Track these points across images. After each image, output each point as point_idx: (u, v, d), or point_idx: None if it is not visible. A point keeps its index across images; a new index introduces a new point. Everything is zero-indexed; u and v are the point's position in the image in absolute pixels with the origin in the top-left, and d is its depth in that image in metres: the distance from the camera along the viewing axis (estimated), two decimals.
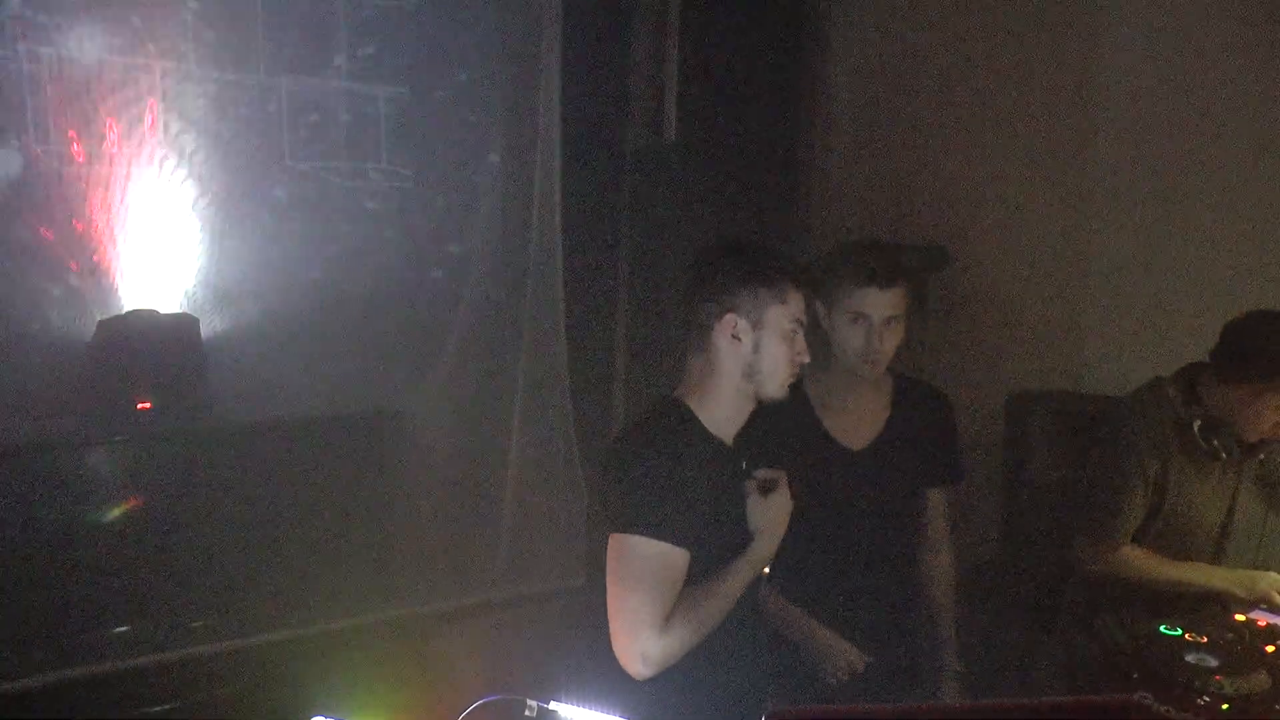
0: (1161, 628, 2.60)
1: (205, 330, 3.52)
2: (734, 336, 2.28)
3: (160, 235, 3.54)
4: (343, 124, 3.85)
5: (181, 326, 3.50)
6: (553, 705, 1.90)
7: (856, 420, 2.82)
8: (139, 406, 3.39)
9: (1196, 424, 2.89)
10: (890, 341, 2.71)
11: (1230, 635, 2.59)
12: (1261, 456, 2.96)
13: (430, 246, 3.94)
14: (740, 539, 2.30)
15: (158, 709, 3.22)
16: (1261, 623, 2.71)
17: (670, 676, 2.21)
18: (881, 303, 2.67)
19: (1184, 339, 3.03)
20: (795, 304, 2.31)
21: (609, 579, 2.21)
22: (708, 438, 2.32)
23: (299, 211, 3.74)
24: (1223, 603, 2.86)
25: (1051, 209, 4.37)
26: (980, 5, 4.53)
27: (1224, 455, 2.87)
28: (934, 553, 2.92)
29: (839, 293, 2.69)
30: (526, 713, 1.90)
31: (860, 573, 2.75)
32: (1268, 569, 2.92)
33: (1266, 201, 3.88)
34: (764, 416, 2.56)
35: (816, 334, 2.57)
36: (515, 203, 4.04)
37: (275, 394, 3.56)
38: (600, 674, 2.27)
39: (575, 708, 1.91)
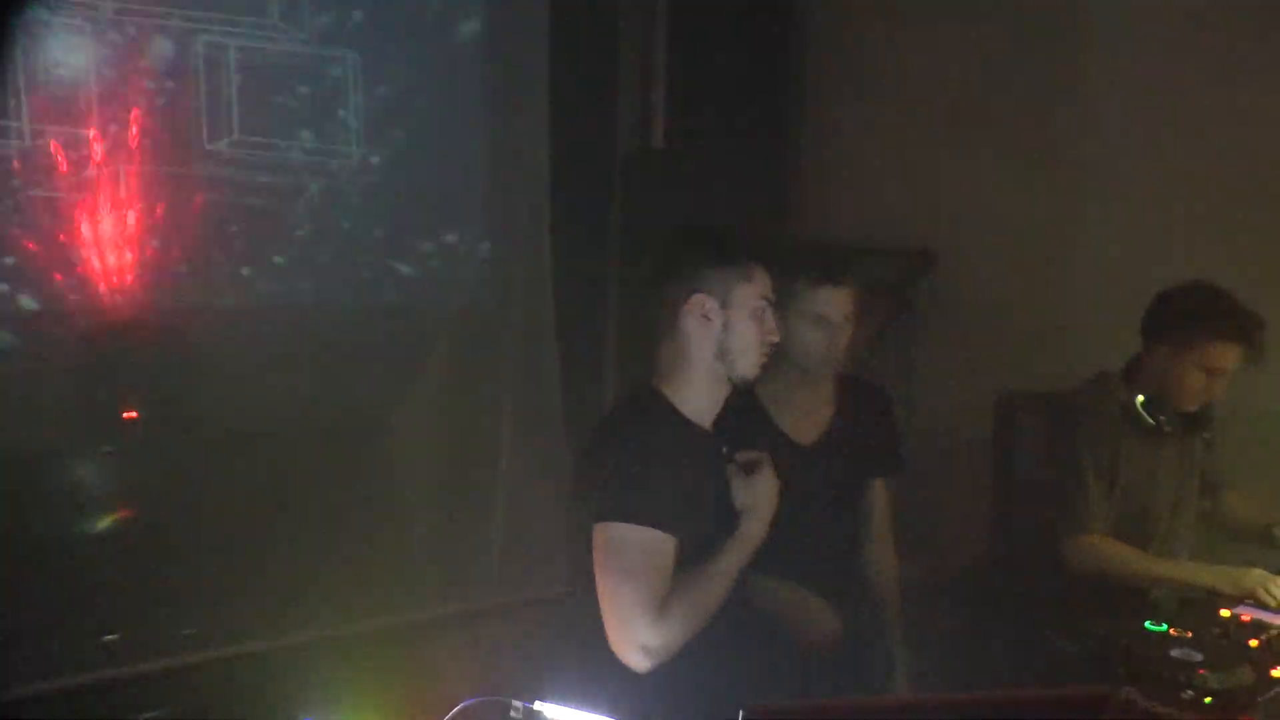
0: (1147, 623, 2.62)
1: (193, 339, 3.51)
2: (703, 317, 2.29)
3: (145, 240, 3.53)
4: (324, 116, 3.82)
5: (168, 335, 3.50)
6: (537, 706, 1.91)
7: (805, 417, 2.90)
8: (125, 416, 3.38)
9: (1139, 399, 3.03)
10: (846, 340, 2.81)
11: (1215, 630, 2.62)
12: (1206, 435, 3.10)
13: (416, 250, 3.93)
14: (728, 523, 2.30)
15: (148, 716, 3.21)
16: (1246, 618, 2.74)
17: (656, 672, 2.21)
18: (840, 301, 2.77)
19: None
20: (762, 281, 2.32)
21: (597, 572, 2.20)
22: (685, 423, 2.32)
23: (284, 214, 3.73)
24: (1209, 598, 2.89)
25: (1039, 209, 4.38)
26: (967, 6, 4.55)
27: (1166, 428, 3.01)
28: (875, 541, 2.99)
29: (796, 295, 2.74)
30: (512, 714, 1.90)
31: (810, 564, 2.78)
32: (1251, 564, 2.94)
33: (1254, 201, 3.90)
34: (719, 418, 2.59)
35: None
36: (502, 208, 4.04)
37: (263, 401, 3.54)
38: (586, 674, 2.27)
39: (560, 708, 1.92)
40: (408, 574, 3.73)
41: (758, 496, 2.32)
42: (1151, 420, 3.03)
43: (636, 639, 2.15)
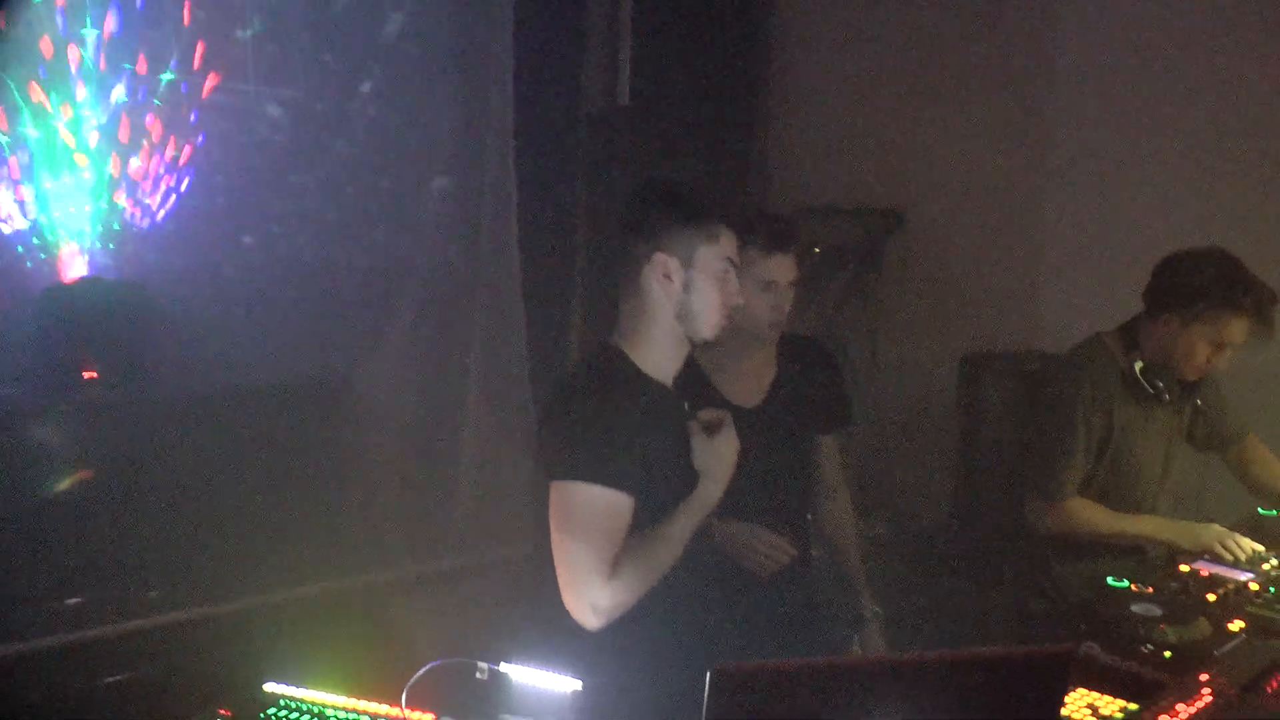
0: (1109, 579, 2.64)
1: (154, 298, 3.47)
2: (665, 276, 2.26)
3: (104, 200, 3.48)
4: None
5: (129, 294, 3.45)
6: (503, 667, 1.90)
7: (746, 380, 2.88)
8: (85, 375, 3.34)
9: (1138, 365, 2.97)
10: (790, 303, 2.80)
11: (1174, 585, 2.65)
12: (1199, 401, 3.05)
13: (380, 211, 3.89)
14: (686, 482, 2.28)
15: (112, 679, 3.19)
16: (1204, 573, 2.76)
17: (620, 633, 2.21)
18: (786, 267, 2.75)
19: (1138, 299, 3.06)
20: (727, 243, 2.29)
21: (553, 529, 2.18)
22: (645, 380, 2.30)
23: (248, 176, 3.67)
24: (1168, 553, 2.92)
25: (1007, 171, 4.39)
26: None
27: (1166, 396, 2.95)
28: (830, 498, 2.99)
29: (745, 261, 2.72)
30: (478, 674, 1.90)
31: (772, 523, 2.78)
32: (1210, 517, 2.98)
33: (1220, 164, 3.92)
34: None
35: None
36: (468, 168, 3.99)
37: (225, 362, 3.51)
38: (551, 635, 2.27)
39: (526, 669, 1.91)
40: (372, 535, 3.72)
41: (718, 458, 2.31)
42: (1151, 388, 2.97)
43: (587, 598, 2.14)
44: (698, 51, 4.54)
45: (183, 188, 3.62)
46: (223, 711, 1.91)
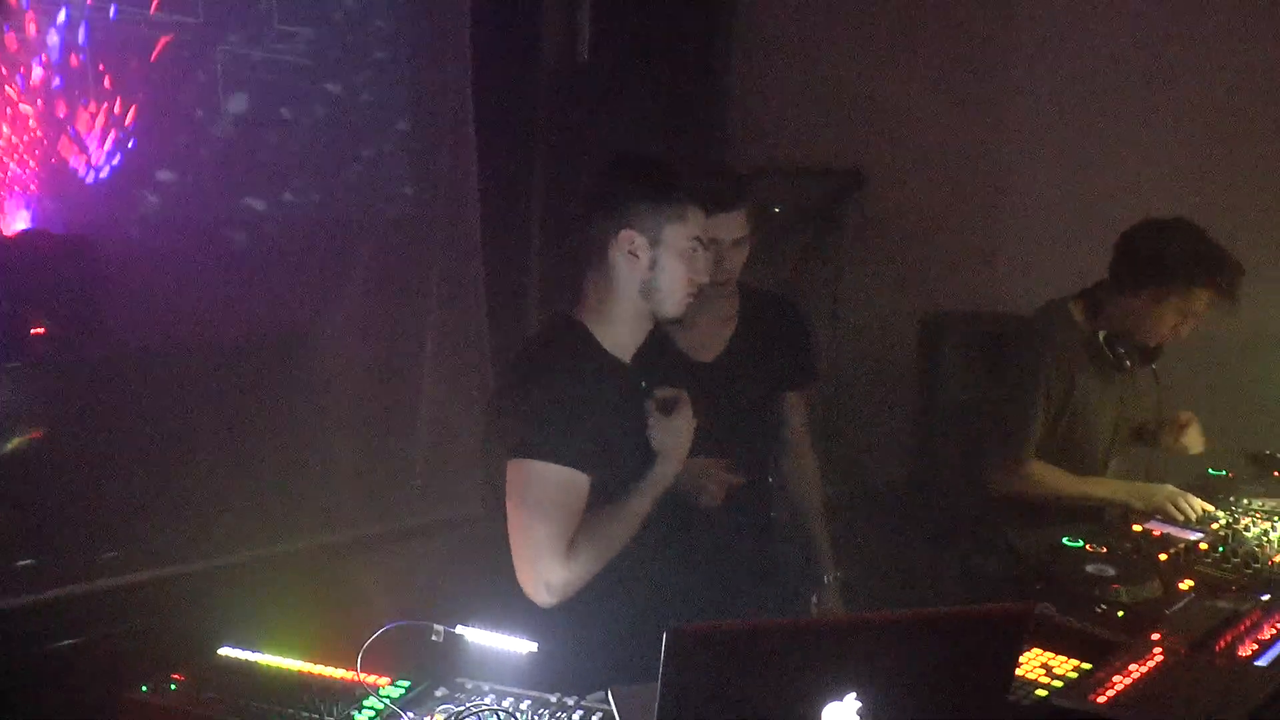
0: (1064, 540, 2.67)
1: (103, 253, 3.38)
2: (630, 253, 2.24)
3: (56, 151, 3.39)
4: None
5: (78, 249, 3.37)
6: (459, 630, 1.89)
7: (704, 334, 2.84)
8: (33, 332, 3.27)
9: (1102, 335, 2.99)
10: (737, 260, 2.75)
11: (1128, 545, 2.68)
12: (1154, 366, 3.08)
13: (336, 163, 3.82)
14: (643, 461, 2.28)
15: (65, 643, 3.15)
16: (1156, 533, 2.81)
17: (577, 599, 2.21)
18: (731, 225, 2.71)
19: (1098, 261, 3.08)
20: (695, 222, 2.27)
21: (509, 506, 2.17)
22: (606, 357, 2.28)
23: (200, 129, 3.59)
24: (1123, 514, 2.96)
25: (968, 132, 4.39)
26: None
27: (1128, 363, 2.99)
28: (795, 457, 2.96)
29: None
30: (433, 637, 1.89)
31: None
32: (1161, 477, 3.02)
33: (1181, 126, 3.94)
34: None
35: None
36: (426, 123, 3.93)
37: (178, 318, 3.44)
38: (506, 598, 2.26)
39: (481, 631, 1.91)
40: (328, 495, 3.69)
41: (674, 436, 2.30)
42: (1115, 357, 3.00)
43: (543, 576, 2.13)
44: (659, 7, 4.49)
45: (130, 144, 3.53)
46: (176, 676, 1.89)
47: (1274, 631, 2.07)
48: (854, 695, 1.45)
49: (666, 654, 1.34)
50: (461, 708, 1.80)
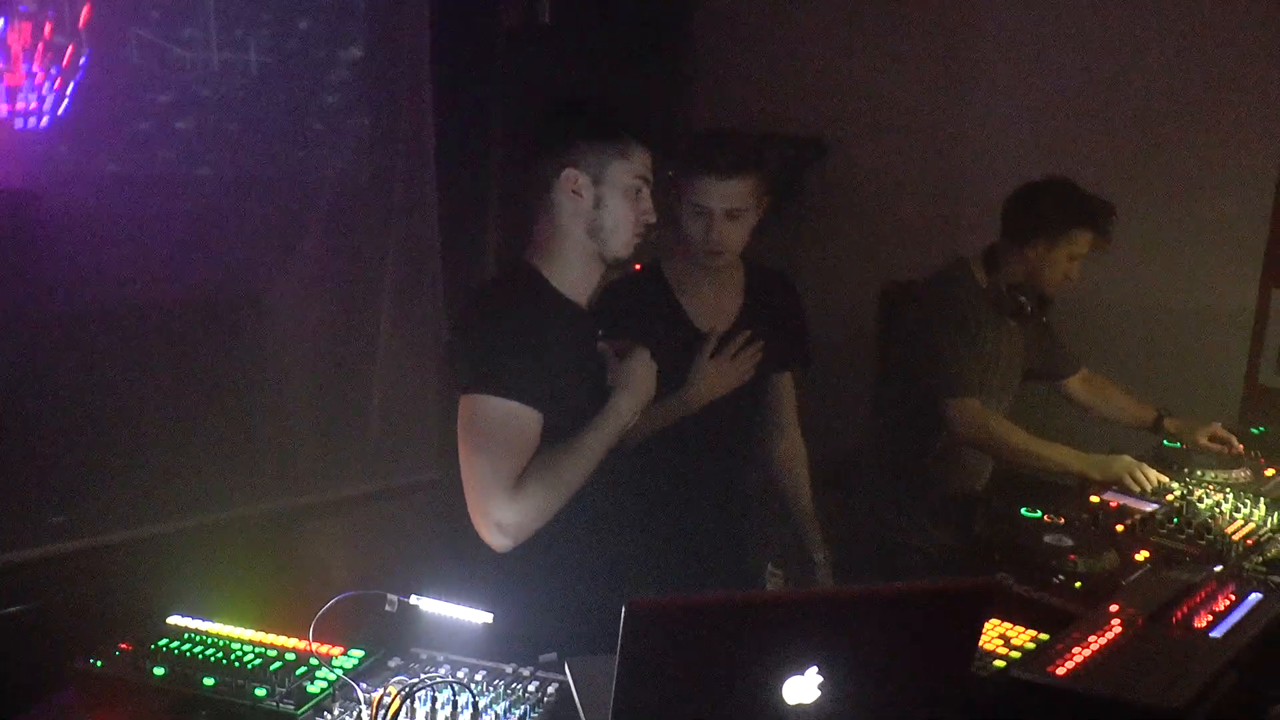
0: (1023, 510, 2.68)
1: (44, 209, 3.28)
2: (574, 192, 2.22)
3: None
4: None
5: (15, 204, 3.26)
6: (413, 599, 1.87)
7: (713, 305, 2.83)
8: None
9: (1005, 285, 3.18)
10: (733, 233, 2.70)
11: (1085, 516, 2.70)
12: (1045, 319, 3.30)
13: (290, 123, 3.74)
14: (598, 403, 2.26)
15: (13, 609, 3.09)
16: (1114, 504, 2.83)
17: (532, 562, 2.19)
18: (723, 194, 2.65)
19: None
20: (639, 160, 2.24)
21: (460, 444, 2.14)
22: (558, 298, 2.26)
23: (149, 87, 3.49)
24: (1080, 484, 2.98)
25: (931, 104, 4.38)
26: None
27: (1028, 309, 3.19)
28: (784, 436, 2.97)
29: (683, 183, 2.67)
30: (387, 607, 1.86)
31: (709, 454, 2.78)
32: (1120, 451, 3.04)
33: (1145, 102, 3.95)
34: (624, 297, 2.62)
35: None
36: (383, 84, 3.86)
37: (127, 277, 3.35)
38: (462, 564, 2.23)
39: (435, 601, 1.88)
40: (280, 460, 3.63)
41: (632, 374, 2.28)
42: (1016, 305, 3.18)
43: (493, 515, 2.10)
44: None
45: (72, 96, 3.42)
46: (123, 645, 1.84)
47: (1228, 603, 2.09)
48: (815, 669, 1.43)
49: (625, 626, 1.31)
50: (416, 679, 1.77)
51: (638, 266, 2.71)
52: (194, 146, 3.52)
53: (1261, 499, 2.78)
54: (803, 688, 1.44)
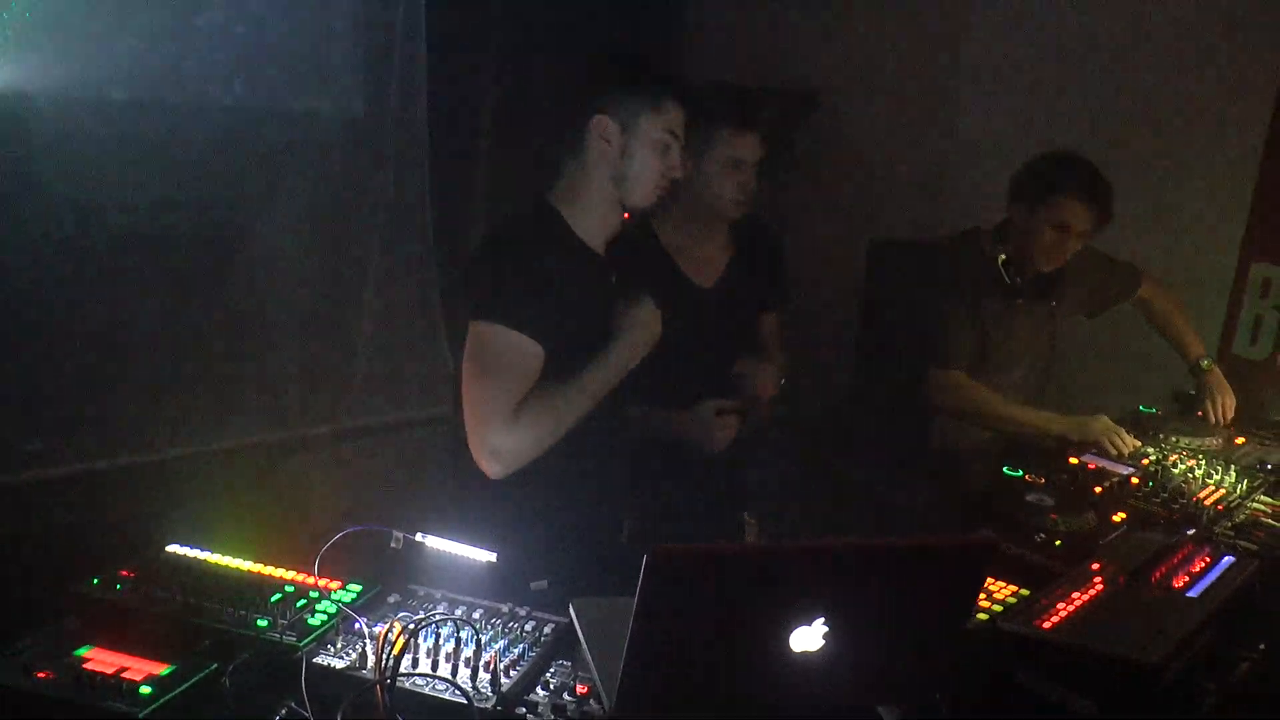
0: (1005, 469, 2.74)
1: (42, 130, 3.20)
2: (603, 138, 2.25)
3: None
4: None
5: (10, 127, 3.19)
6: (419, 537, 1.89)
7: (705, 260, 2.92)
8: None
9: (1001, 258, 3.17)
10: (754, 184, 2.82)
11: (1064, 477, 2.76)
12: (1053, 303, 3.27)
13: (281, 59, 3.67)
14: (603, 345, 2.30)
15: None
16: (1092, 466, 2.89)
17: (531, 504, 2.22)
18: (755, 146, 2.78)
19: None
20: (672, 115, 2.28)
21: (464, 369, 2.19)
22: (574, 240, 2.30)
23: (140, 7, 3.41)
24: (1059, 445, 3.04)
25: (924, 62, 4.37)
26: None
27: (1007, 279, 3.17)
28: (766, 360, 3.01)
29: (713, 139, 2.70)
30: (392, 544, 1.88)
31: (697, 395, 2.77)
32: (1093, 413, 3.10)
33: (1135, 66, 3.97)
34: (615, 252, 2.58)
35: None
36: (377, 27, 3.81)
37: (121, 206, 3.30)
38: (458, 501, 2.26)
39: (440, 539, 1.90)
40: (274, 392, 3.61)
41: (636, 320, 2.32)
42: (1008, 279, 3.17)
43: (488, 441, 2.14)
44: None
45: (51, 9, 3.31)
46: (124, 572, 1.85)
47: (1203, 564, 2.15)
48: (822, 620, 1.47)
49: (646, 572, 1.34)
50: (421, 615, 1.80)
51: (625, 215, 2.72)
52: (185, 75, 3.45)
53: (1232, 466, 2.86)
54: (809, 637, 1.48)
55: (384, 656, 1.57)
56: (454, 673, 1.64)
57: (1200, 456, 2.97)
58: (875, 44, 4.42)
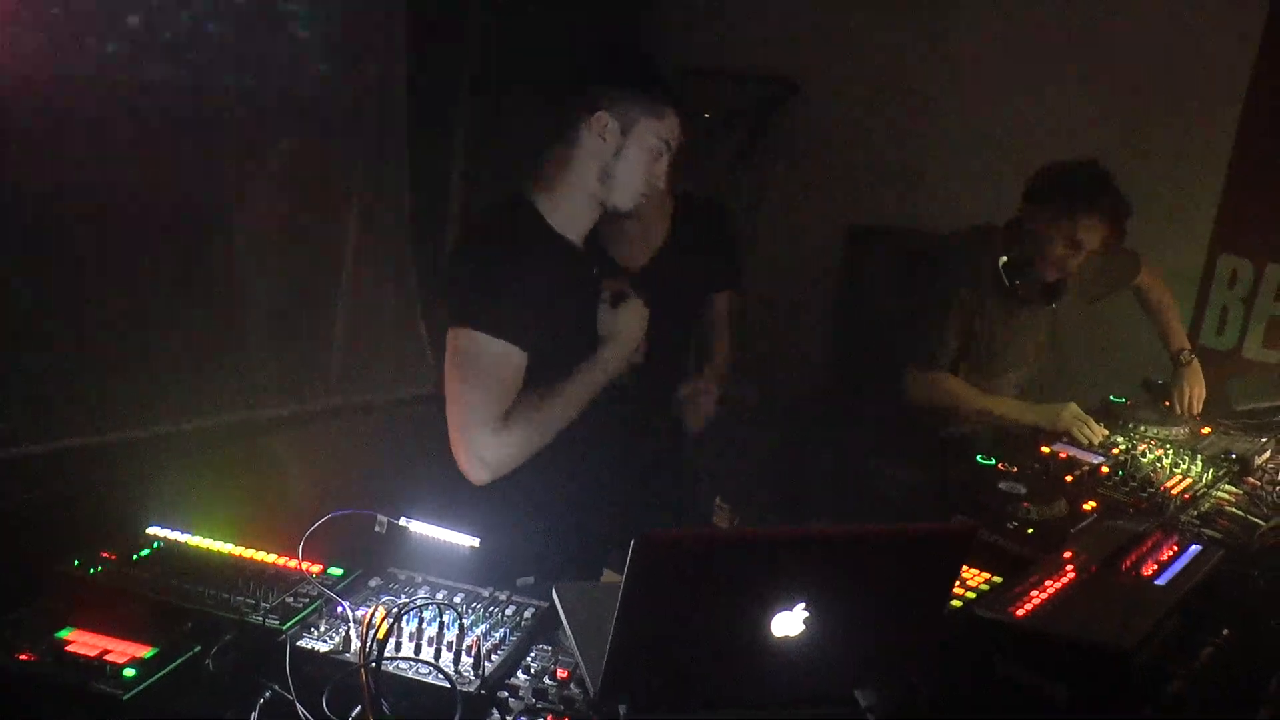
0: (978, 457, 2.77)
1: (5, 110, 3.16)
2: (600, 135, 2.24)
3: None
4: None
5: None
6: (402, 521, 1.89)
7: (635, 243, 2.88)
8: None
9: (1003, 260, 3.12)
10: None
11: (1037, 466, 2.80)
12: (1054, 305, 3.23)
13: (258, 30, 3.63)
14: (589, 346, 2.30)
15: None
16: (1063, 455, 2.93)
17: (520, 490, 2.22)
18: (679, 130, 2.68)
19: (1019, 189, 3.16)
20: (669, 124, 2.28)
21: (446, 375, 2.18)
22: (553, 236, 2.29)
23: None
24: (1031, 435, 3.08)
25: (904, 51, 4.38)
26: None
27: (1017, 283, 3.12)
28: (720, 341, 3.03)
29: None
30: (376, 528, 1.88)
31: (653, 385, 2.74)
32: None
33: (1113, 57, 4.00)
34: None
35: None
36: (356, 7, 3.78)
37: (91, 182, 3.25)
38: (441, 489, 2.26)
39: (424, 523, 1.90)
40: (249, 372, 3.59)
41: (622, 324, 2.32)
42: (1008, 282, 3.14)
43: (474, 449, 2.14)
44: None
45: None
46: (105, 554, 1.85)
47: (1171, 553, 2.19)
48: (803, 605, 1.50)
49: (633, 558, 1.36)
50: (404, 599, 1.81)
51: None
52: (157, 49, 3.40)
53: (1198, 456, 2.91)
54: (790, 622, 1.50)
55: (368, 640, 1.57)
56: (437, 656, 1.65)
57: (1168, 446, 3.01)
58: (854, 31, 4.42)
